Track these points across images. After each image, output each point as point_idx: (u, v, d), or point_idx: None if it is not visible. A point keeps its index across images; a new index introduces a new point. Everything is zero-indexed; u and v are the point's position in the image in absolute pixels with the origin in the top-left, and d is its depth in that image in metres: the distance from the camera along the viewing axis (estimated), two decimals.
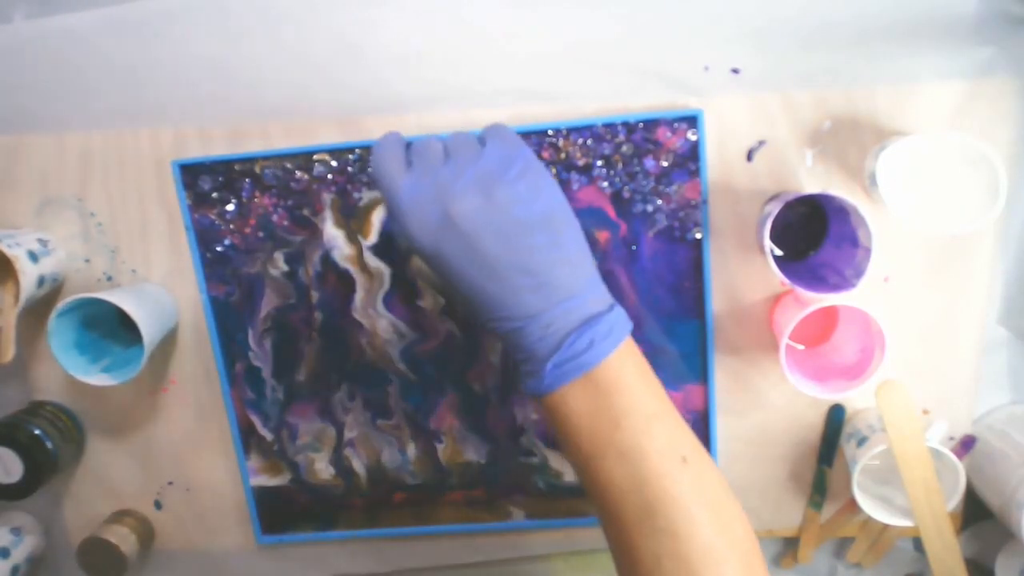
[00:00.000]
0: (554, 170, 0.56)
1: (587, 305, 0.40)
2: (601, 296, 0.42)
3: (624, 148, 0.55)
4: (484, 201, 0.39)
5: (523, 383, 0.42)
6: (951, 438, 0.59)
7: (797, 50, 0.53)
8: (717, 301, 0.57)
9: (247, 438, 0.62)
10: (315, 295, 0.59)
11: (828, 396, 0.52)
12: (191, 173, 0.58)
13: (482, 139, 0.43)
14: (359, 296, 0.59)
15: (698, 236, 0.56)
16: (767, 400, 0.59)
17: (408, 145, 0.44)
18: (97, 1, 0.55)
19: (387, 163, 0.42)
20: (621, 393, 0.40)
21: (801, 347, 0.58)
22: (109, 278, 0.60)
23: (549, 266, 0.40)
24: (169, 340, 0.61)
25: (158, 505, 0.65)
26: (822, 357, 0.57)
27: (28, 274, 0.54)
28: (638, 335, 0.57)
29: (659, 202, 0.56)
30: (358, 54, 0.55)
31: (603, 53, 0.54)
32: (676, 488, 0.38)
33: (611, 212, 0.56)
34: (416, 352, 0.60)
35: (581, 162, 0.56)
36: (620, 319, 0.41)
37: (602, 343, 0.40)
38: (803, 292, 0.53)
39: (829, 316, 0.58)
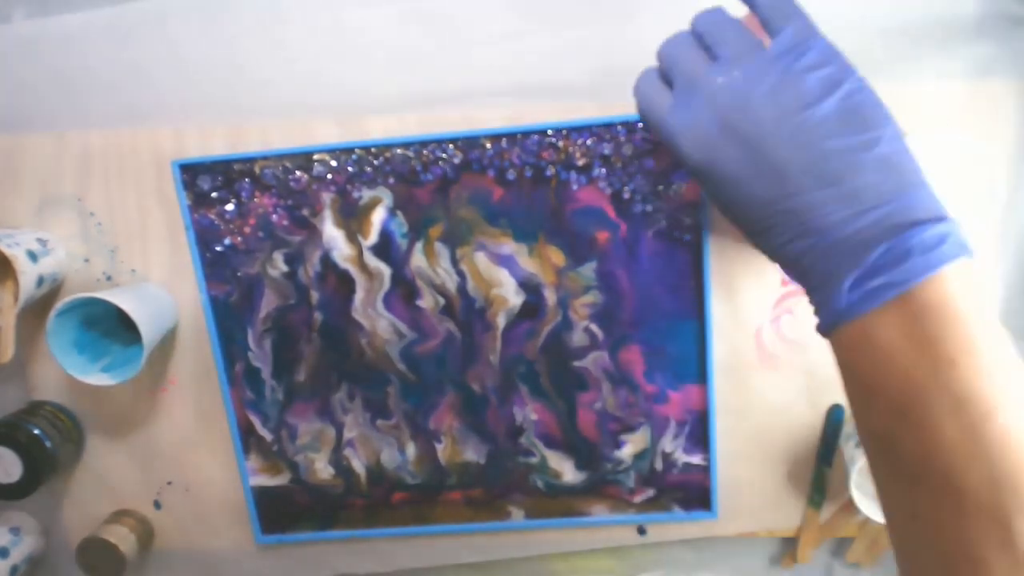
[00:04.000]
0: (553, 170, 0.56)
1: (907, 212, 0.31)
2: (930, 204, 0.32)
3: (624, 148, 0.55)
4: (768, 103, 0.33)
5: (818, 317, 0.34)
6: None
7: None
8: (717, 301, 0.57)
9: (247, 438, 0.62)
10: (315, 295, 0.59)
11: None
12: (191, 173, 0.58)
13: (767, 21, 0.35)
14: (359, 296, 0.59)
15: (698, 236, 0.56)
16: (767, 400, 0.59)
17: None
18: (97, 1, 0.55)
19: (647, 95, 0.37)
20: (958, 321, 0.30)
21: None
22: (108, 278, 0.60)
23: (854, 171, 0.32)
24: (169, 340, 0.61)
25: (158, 505, 0.65)
26: None
27: (27, 274, 0.54)
28: (638, 335, 0.58)
29: (659, 202, 0.56)
30: (358, 54, 0.55)
31: (603, 53, 0.54)
32: None
33: (611, 212, 0.56)
34: (416, 352, 0.60)
35: (581, 162, 0.56)
36: (956, 233, 0.31)
37: (926, 255, 0.30)
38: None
39: None
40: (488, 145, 0.56)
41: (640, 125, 0.53)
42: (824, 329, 0.34)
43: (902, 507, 0.32)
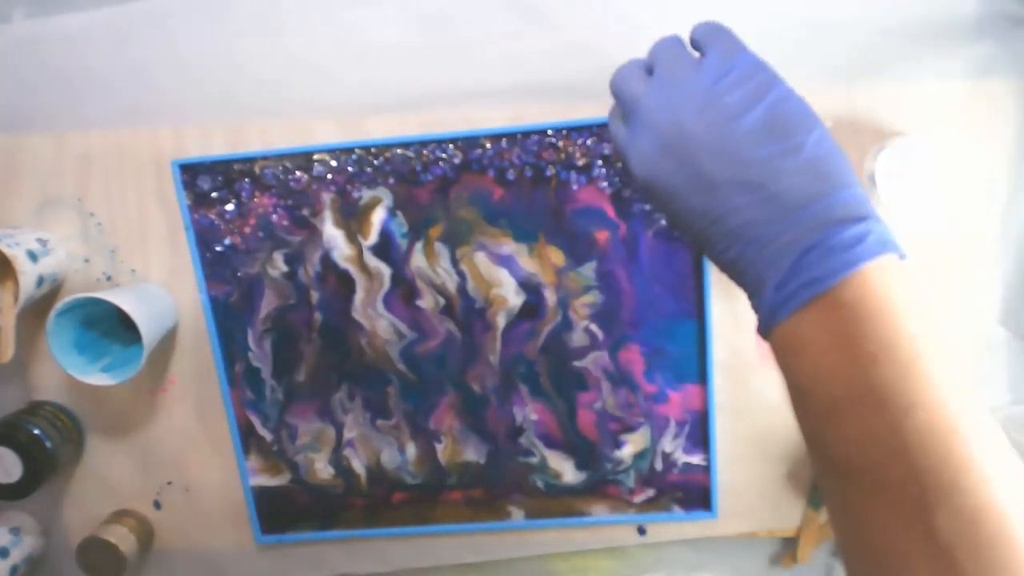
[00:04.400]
0: (553, 170, 0.56)
1: (828, 213, 0.31)
2: (853, 204, 0.32)
3: None
4: (696, 120, 0.34)
5: (758, 326, 0.35)
6: None
7: (797, 50, 0.53)
8: (717, 301, 0.57)
9: (247, 438, 0.62)
10: (315, 295, 0.59)
11: None
12: (191, 173, 0.58)
13: (698, 45, 0.38)
14: (359, 296, 0.59)
15: None
16: (767, 400, 0.59)
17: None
18: (97, 1, 0.55)
19: (613, 124, 0.40)
20: (879, 319, 0.29)
21: None
22: (108, 278, 0.60)
23: (776, 176, 0.32)
24: (169, 340, 0.61)
25: (158, 505, 0.65)
26: None
27: (27, 274, 0.54)
28: (638, 335, 0.58)
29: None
30: (358, 54, 0.55)
31: (603, 53, 0.54)
32: (970, 453, 0.28)
33: (611, 212, 0.56)
34: (416, 352, 0.60)
35: (581, 162, 0.56)
36: (877, 231, 0.31)
37: (845, 254, 0.30)
38: None
39: None
40: (488, 145, 0.56)
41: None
42: (761, 332, 0.34)
43: (835, 504, 0.32)
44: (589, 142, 0.55)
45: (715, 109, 0.34)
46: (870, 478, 0.29)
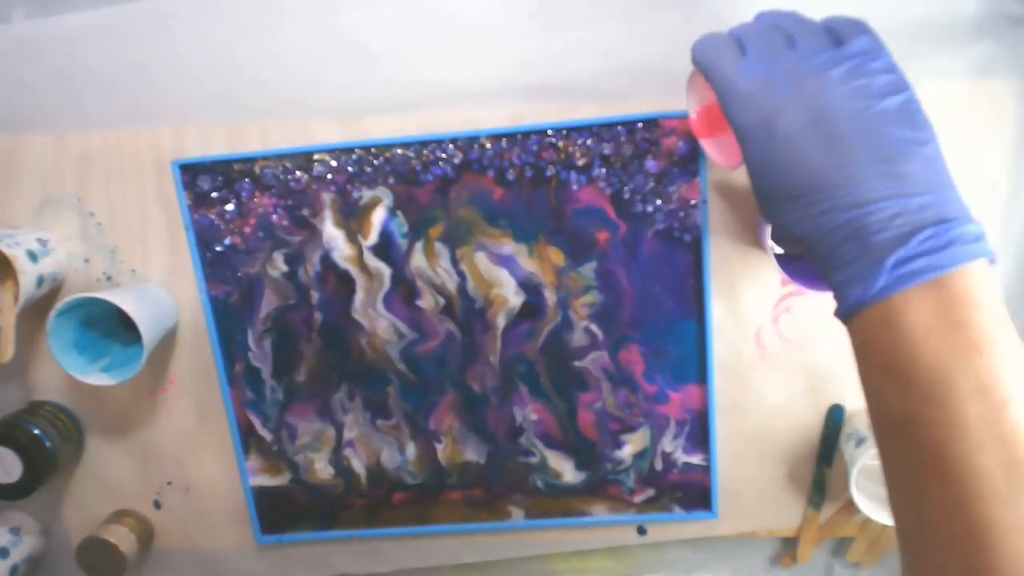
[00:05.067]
0: (553, 170, 0.56)
1: (947, 207, 0.33)
2: (964, 208, 0.34)
3: (624, 148, 0.55)
4: (841, 83, 0.35)
5: (842, 296, 0.35)
6: None
7: None
8: (717, 301, 0.57)
9: (247, 438, 0.62)
10: (315, 295, 0.59)
11: None
12: (191, 173, 0.58)
13: (833, 32, 0.38)
14: (359, 296, 0.59)
15: (698, 236, 0.56)
16: (767, 400, 0.59)
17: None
18: (97, 1, 0.55)
19: (713, 47, 0.39)
20: (987, 311, 0.31)
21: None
22: (108, 278, 0.60)
23: (906, 157, 0.34)
24: (169, 340, 0.61)
25: (158, 505, 0.65)
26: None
27: (27, 274, 0.54)
28: (638, 335, 0.58)
29: (659, 202, 0.56)
30: (358, 54, 0.55)
31: (603, 53, 0.54)
32: None
33: (611, 212, 0.56)
34: (416, 352, 0.60)
35: (581, 162, 0.56)
36: (986, 237, 0.33)
37: (966, 247, 0.32)
38: (803, 290, 0.53)
39: None
40: (488, 145, 0.56)
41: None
42: (851, 306, 0.34)
43: (911, 490, 0.33)
44: (589, 142, 0.55)
45: (862, 81, 0.35)
46: (960, 465, 0.30)
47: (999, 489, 0.29)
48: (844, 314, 0.35)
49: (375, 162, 0.57)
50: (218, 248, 0.59)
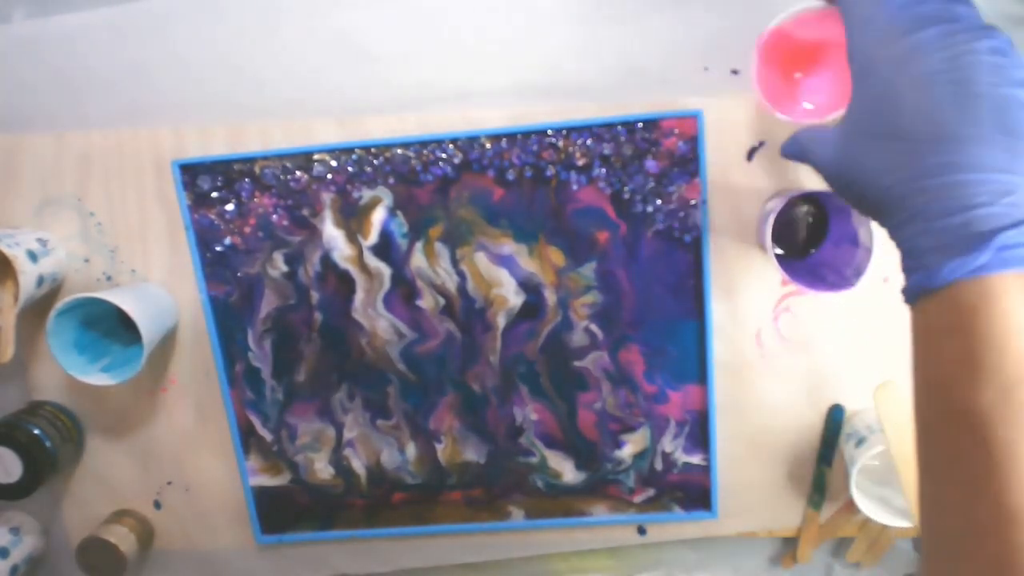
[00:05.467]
0: (553, 170, 0.56)
1: None
2: None
3: (624, 148, 0.55)
4: (988, 54, 0.33)
5: (923, 265, 0.33)
6: None
7: None
8: (717, 301, 0.57)
9: (247, 438, 0.62)
10: (315, 295, 0.59)
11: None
12: (191, 173, 0.58)
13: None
14: (359, 296, 0.59)
15: (698, 236, 0.56)
16: (767, 400, 0.59)
17: None
18: (97, 1, 0.55)
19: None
20: None
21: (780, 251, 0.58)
22: (108, 278, 0.60)
23: None
24: (169, 340, 0.61)
25: (158, 505, 0.65)
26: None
27: (27, 274, 0.54)
28: (638, 335, 0.58)
29: (659, 202, 0.56)
30: (358, 54, 0.55)
31: (603, 53, 0.54)
32: None
33: (611, 212, 0.56)
34: (416, 352, 0.60)
35: (581, 162, 0.56)
36: None
37: None
38: (803, 290, 0.53)
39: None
40: (488, 145, 0.56)
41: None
42: (942, 277, 0.31)
43: (963, 492, 0.30)
44: (589, 142, 0.55)
45: (1007, 66, 0.33)
46: None
47: None
48: (920, 286, 0.32)
49: (375, 162, 0.57)
50: (218, 248, 0.59)
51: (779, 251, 0.56)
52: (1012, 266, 0.29)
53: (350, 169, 0.57)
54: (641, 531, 0.63)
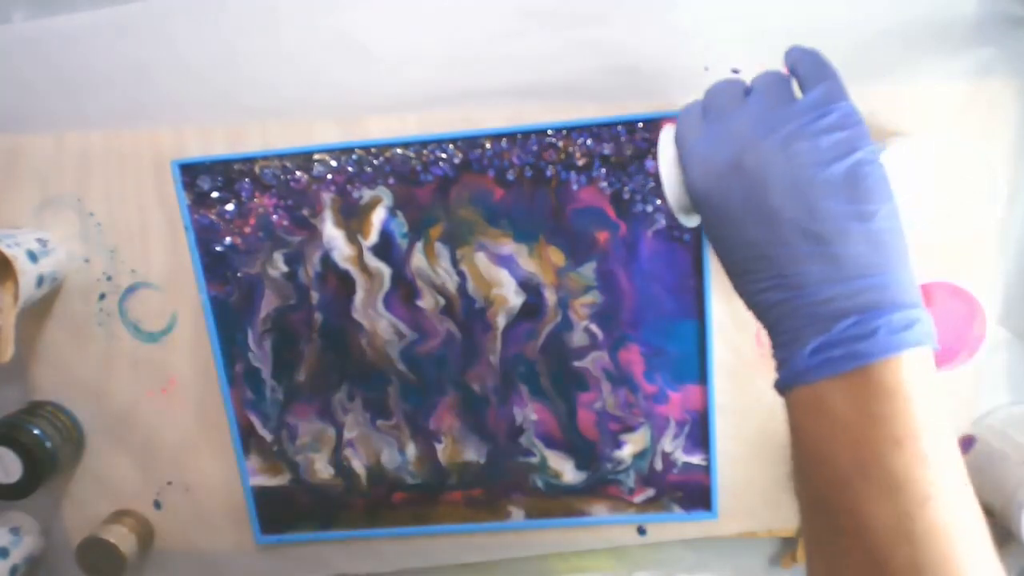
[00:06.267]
0: (553, 170, 0.56)
1: (881, 291, 0.32)
2: (906, 289, 0.32)
3: (624, 148, 0.55)
4: (779, 150, 0.33)
5: (777, 375, 0.34)
6: None
7: None
8: (717, 301, 0.57)
9: (247, 438, 0.62)
10: (315, 296, 0.59)
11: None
12: (191, 173, 0.58)
13: (799, 75, 0.37)
14: (359, 297, 0.59)
15: (698, 236, 0.56)
16: (767, 400, 0.59)
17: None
18: (97, 1, 0.55)
19: (685, 123, 0.39)
20: (909, 405, 0.30)
21: None
22: (108, 278, 0.60)
23: (843, 237, 0.32)
24: (169, 340, 0.61)
25: (158, 505, 0.65)
26: None
27: (27, 274, 0.54)
28: (638, 335, 0.58)
29: (659, 202, 0.56)
30: (358, 54, 0.55)
31: (603, 53, 0.54)
32: (967, 552, 0.29)
33: (611, 212, 0.56)
34: (416, 352, 0.60)
35: (581, 162, 0.56)
36: (924, 321, 0.32)
37: (891, 337, 0.30)
38: None
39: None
40: (488, 145, 0.56)
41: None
42: (780, 387, 0.34)
43: (829, 570, 0.32)
44: (589, 142, 0.55)
45: (803, 147, 0.33)
46: (872, 560, 0.29)
47: None
48: (778, 390, 0.34)
49: (375, 162, 0.57)
50: (218, 248, 0.59)
51: None
52: (828, 370, 0.31)
53: (350, 169, 0.57)
54: (641, 531, 0.63)
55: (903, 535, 0.29)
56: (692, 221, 0.43)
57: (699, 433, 0.60)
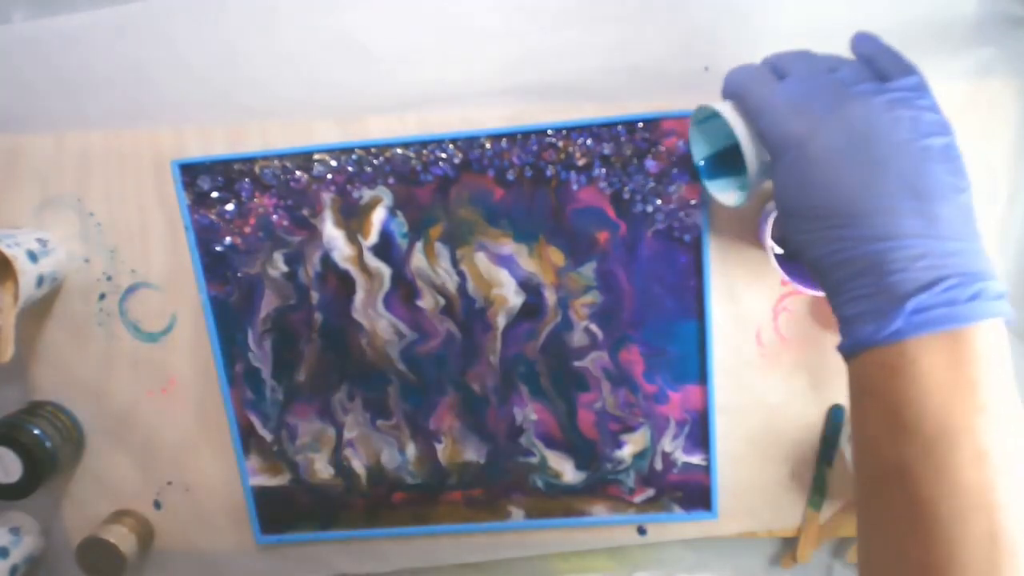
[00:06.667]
0: (553, 170, 0.56)
1: (975, 258, 0.32)
2: (989, 264, 0.33)
3: (624, 148, 0.55)
4: (886, 110, 0.34)
5: (850, 330, 0.34)
6: None
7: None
8: (717, 301, 0.57)
9: (247, 438, 0.62)
10: (315, 296, 0.59)
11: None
12: (191, 173, 0.58)
13: (876, 68, 0.37)
14: (359, 297, 0.59)
15: (698, 236, 0.56)
16: (767, 400, 0.59)
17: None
18: (97, 1, 0.55)
19: (747, 73, 0.39)
20: (995, 372, 0.30)
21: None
22: (108, 278, 0.60)
23: (943, 199, 0.32)
24: (169, 340, 0.61)
25: (158, 505, 0.65)
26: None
27: (27, 274, 0.54)
28: (638, 335, 0.58)
29: (659, 202, 0.56)
30: (358, 54, 0.55)
31: (603, 53, 0.54)
32: None
33: (611, 212, 0.56)
34: (416, 352, 0.60)
35: (581, 162, 0.56)
36: (1006, 298, 0.32)
37: (988, 303, 0.31)
38: (803, 290, 0.53)
39: None
40: (488, 145, 0.56)
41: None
42: (859, 343, 0.33)
43: (892, 546, 0.32)
44: (589, 142, 0.55)
45: (908, 115, 0.34)
46: (946, 528, 0.29)
47: (981, 560, 0.28)
48: (849, 350, 0.34)
49: (375, 162, 0.57)
50: (218, 248, 0.59)
51: (779, 251, 0.56)
52: (926, 328, 0.31)
53: (350, 169, 0.57)
54: (641, 531, 0.63)
55: (983, 505, 0.29)
56: (739, 198, 0.44)
57: (699, 433, 0.60)
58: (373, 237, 0.58)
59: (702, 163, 0.52)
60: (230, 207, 0.58)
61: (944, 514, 0.29)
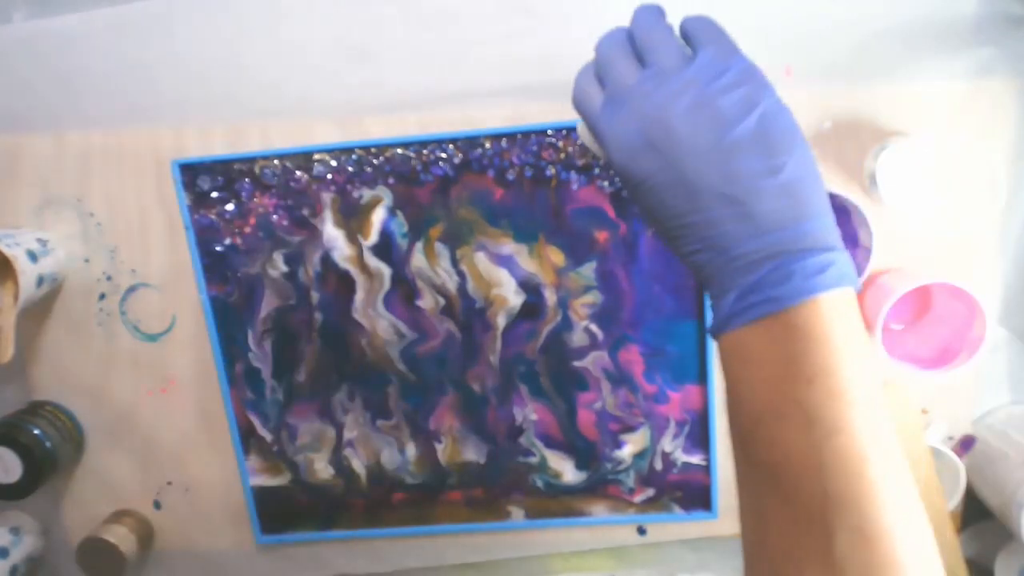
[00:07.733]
0: (553, 170, 0.56)
1: (798, 239, 0.33)
2: (821, 234, 0.34)
3: None
4: (684, 121, 0.34)
5: (711, 327, 0.36)
6: (950, 438, 0.59)
7: (797, 50, 0.53)
8: None
9: (247, 438, 0.62)
10: (315, 296, 0.59)
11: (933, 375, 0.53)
12: (191, 173, 0.58)
13: (689, 39, 0.37)
14: (359, 297, 0.59)
15: None
16: None
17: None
18: (97, 1, 0.55)
19: (582, 90, 0.39)
20: (822, 345, 0.32)
21: (899, 327, 0.58)
22: (108, 278, 0.60)
23: (757, 195, 0.33)
24: (169, 340, 0.61)
25: (157, 505, 0.65)
26: (916, 337, 0.57)
27: (27, 274, 0.54)
28: (638, 335, 0.58)
29: None
30: (358, 54, 0.55)
31: None
32: (876, 480, 0.30)
33: (611, 212, 0.56)
34: (416, 352, 0.60)
35: (581, 162, 0.56)
36: (840, 263, 0.33)
37: (806, 281, 0.32)
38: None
39: (920, 297, 0.58)
40: (488, 145, 0.56)
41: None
42: (712, 334, 0.36)
43: (748, 505, 0.34)
44: None
45: (707, 112, 0.34)
46: (785, 488, 0.32)
47: (816, 518, 0.30)
48: (711, 336, 0.37)
49: (375, 162, 0.57)
50: (218, 248, 0.59)
51: None
52: (746, 316, 0.33)
53: (350, 169, 0.57)
54: (641, 531, 0.63)
55: (813, 466, 0.31)
56: None
57: (699, 433, 0.60)
58: (373, 237, 0.58)
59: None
60: (230, 207, 0.58)
61: (784, 477, 0.32)
